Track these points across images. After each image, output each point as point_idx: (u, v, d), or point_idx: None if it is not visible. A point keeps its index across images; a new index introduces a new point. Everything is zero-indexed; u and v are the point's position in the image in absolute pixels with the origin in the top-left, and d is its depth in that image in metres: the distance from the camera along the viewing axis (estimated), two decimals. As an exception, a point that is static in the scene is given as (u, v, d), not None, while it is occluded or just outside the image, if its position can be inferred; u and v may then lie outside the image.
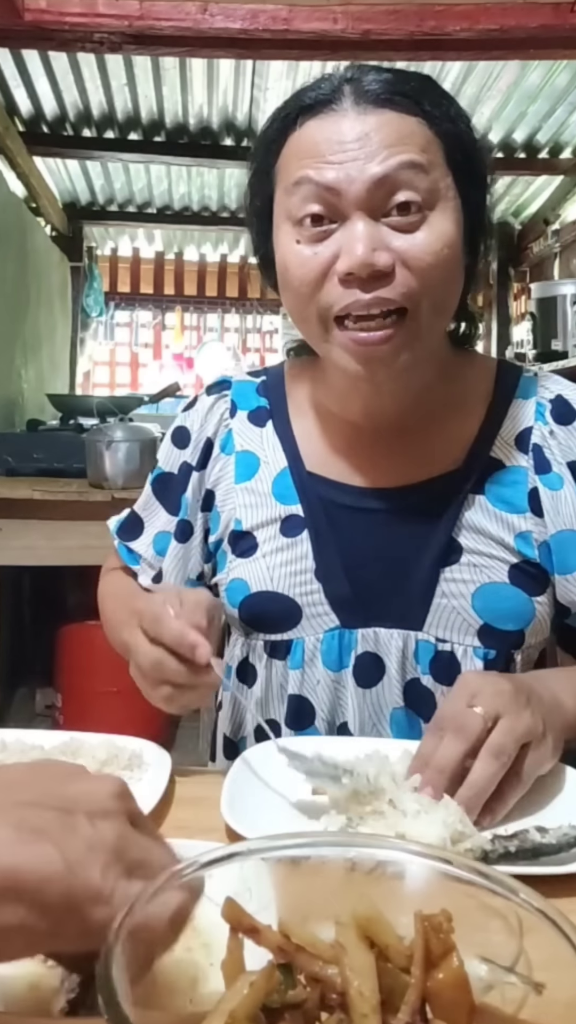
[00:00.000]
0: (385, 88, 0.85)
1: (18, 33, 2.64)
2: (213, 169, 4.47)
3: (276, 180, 0.90)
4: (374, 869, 0.47)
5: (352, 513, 0.97)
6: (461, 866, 0.45)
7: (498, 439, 0.97)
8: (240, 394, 1.06)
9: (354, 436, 0.98)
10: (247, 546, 1.00)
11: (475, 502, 0.95)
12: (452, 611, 0.93)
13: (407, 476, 0.97)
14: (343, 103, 0.85)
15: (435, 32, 2.64)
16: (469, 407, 0.99)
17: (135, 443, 2.37)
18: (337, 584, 0.95)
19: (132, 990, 0.39)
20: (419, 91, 0.86)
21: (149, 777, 0.83)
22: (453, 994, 0.40)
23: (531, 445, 0.97)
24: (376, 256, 0.81)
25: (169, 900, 0.44)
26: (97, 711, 2.69)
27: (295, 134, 0.87)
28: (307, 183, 0.84)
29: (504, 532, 0.94)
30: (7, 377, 3.47)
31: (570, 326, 3.56)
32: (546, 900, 0.42)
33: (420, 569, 0.94)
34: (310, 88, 0.89)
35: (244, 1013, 0.38)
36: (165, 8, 2.62)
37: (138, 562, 1.09)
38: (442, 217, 0.84)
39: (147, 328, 6.23)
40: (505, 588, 0.93)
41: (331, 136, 0.84)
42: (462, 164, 0.87)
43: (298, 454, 1.01)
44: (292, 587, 0.96)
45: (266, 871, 0.47)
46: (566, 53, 2.87)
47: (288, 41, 2.72)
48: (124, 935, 0.40)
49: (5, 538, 2.33)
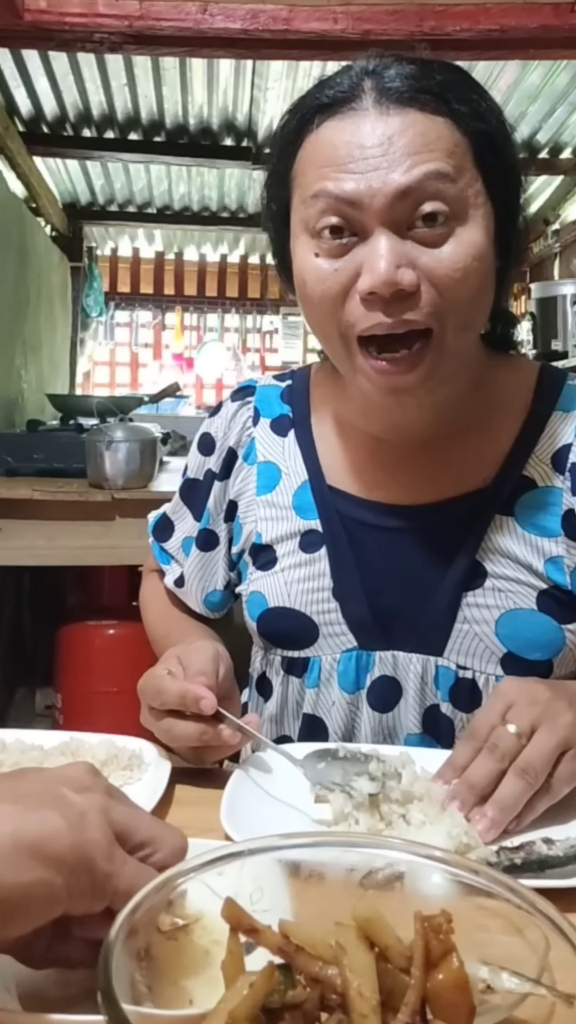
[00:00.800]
0: (409, 85, 0.78)
1: (18, 33, 2.64)
2: (213, 169, 4.47)
3: (293, 185, 0.84)
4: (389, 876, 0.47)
5: (372, 531, 0.93)
6: (485, 876, 0.46)
7: (532, 456, 0.91)
8: (263, 400, 1.04)
9: (377, 449, 0.94)
10: (267, 559, 0.98)
11: (503, 524, 0.89)
12: (474, 637, 0.89)
13: (431, 493, 0.92)
14: (364, 101, 0.78)
15: (435, 32, 2.64)
16: (502, 420, 0.93)
17: (135, 443, 2.37)
18: (355, 604, 0.92)
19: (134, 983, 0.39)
20: (446, 86, 0.79)
21: (149, 777, 0.83)
22: (453, 995, 0.40)
23: (569, 464, 0.90)
24: (400, 274, 0.76)
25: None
26: (97, 711, 2.69)
27: (312, 135, 0.81)
28: (325, 196, 0.78)
29: (533, 557, 0.88)
30: (7, 377, 3.47)
31: (570, 326, 3.57)
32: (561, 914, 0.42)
33: (442, 592, 0.89)
34: (328, 83, 0.82)
35: (244, 1013, 0.38)
36: (165, 8, 2.61)
37: (169, 561, 1.10)
38: (471, 227, 0.78)
39: (147, 328, 6.23)
40: (532, 615, 0.88)
41: (350, 139, 0.77)
42: (492, 165, 0.80)
43: (319, 467, 0.98)
44: (309, 604, 0.94)
45: (278, 871, 0.47)
46: (566, 53, 2.87)
47: (288, 41, 2.71)
48: (124, 935, 0.40)
49: (5, 538, 2.33)
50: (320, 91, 0.82)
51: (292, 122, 0.85)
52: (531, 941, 0.42)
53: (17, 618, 3.33)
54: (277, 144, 0.87)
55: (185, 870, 0.45)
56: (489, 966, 0.43)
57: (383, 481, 0.94)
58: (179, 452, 3.45)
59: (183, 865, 0.45)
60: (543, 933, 0.42)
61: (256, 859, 0.47)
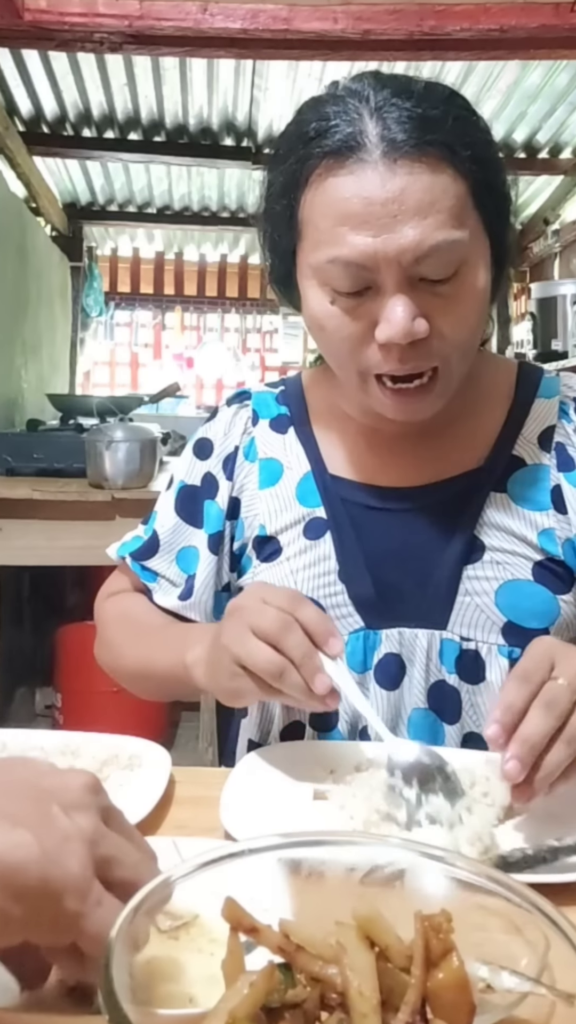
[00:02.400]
0: (415, 135, 0.79)
1: (18, 33, 2.64)
2: (213, 169, 4.46)
3: (301, 229, 0.87)
4: (390, 876, 0.47)
5: (374, 513, 0.97)
6: (484, 875, 0.46)
7: (520, 438, 0.98)
8: (260, 404, 1.07)
9: (375, 438, 0.99)
10: (271, 550, 1.00)
11: (497, 500, 0.96)
12: (476, 609, 0.93)
13: (428, 475, 0.97)
14: (370, 152, 0.80)
15: (435, 32, 2.64)
16: (490, 407, 1.00)
17: (135, 443, 2.37)
18: (360, 585, 0.95)
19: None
20: (449, 131, 0.81)
21: (149, 777, 0.83)
22: (453, 994, 0.40)
23: (554, 443, 0.98)
24: (416, 326, 0.81)
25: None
26: (97, 711, 2.69)
27: (318, 183, 0.83)
28: (343, 263, 0.82)
29: (527, 529, 0.94)
30: (7, 377, 3.47)
31: (570, 326, 3.57)
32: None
33: (443, 567, 0.94)
34: (329, 130, 0.82)
35: (244, 1013, 0.38)
36: (165, 8, 2.61)
37: (155, 580, 1.06)
38: (473, 267, 0.84)
39: (147, 328, 6.23)
40: (529, 585, 0.93)
41: (360, 192, 0.80)
42: (489, 202, 0.85)
43: (320, 458, 1.02)
44: (316, 588, 0.96)
45: (278, 871, 0.47)
46: (566, 53, 2.87)
47: (288, 41, 2.71)
48: (124, 935, 0.40)
49: (5, 538, 2.33)
50: (322, 138, 0.82)
51: (292, 164, 0.85)
52: (531, 940, 0.42)
53: (17, 618, 3.33)
54: (277, 183, 0.88)
55: (185, 870, 0.45)
56: (489, 965, 0.43)
57: (382, 467, 0.99)
58: (179, 452, 3.44)
59: (183, 865, 0.45)
60: (543, 932, 0.42)
61: (256, 859, 0.47)
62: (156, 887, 0.44)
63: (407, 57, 2.83)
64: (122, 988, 0.38)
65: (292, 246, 0.90)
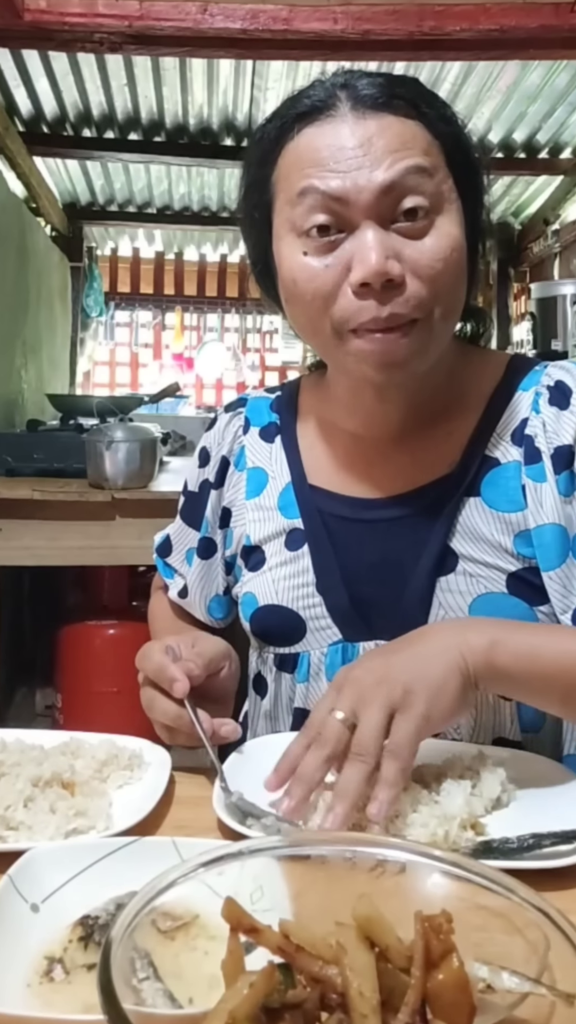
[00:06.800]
0: (381, 91, 0.83)
1: (18, 33, 2.64)
2: (213, 169, 4.46)
3: (275, 191, 0.88)
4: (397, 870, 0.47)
5: (350, 524, 0.96)
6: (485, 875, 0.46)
7: (494, 436, 0.93)
8: (254, 411, 1.08)
9: (352, 447, 0.98)
10: (256, 560, 1.01)
11: (470, 505, 0.92)
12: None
13: (402, 484, 0.95)
14: (340, 108, 0.83)
15: (435, 32, 2.64)
16: (468, 406, 0.95)
17: (135, 443, 2.36)
18: (337, 597, 0.95)
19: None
20: (414, 93, 0.85)
21: (149, 777, 0.83)
22: (453, 995, 0.40)
23: (523, 436, 0.92)
24: (390, 265, 0.80)
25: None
26: (97, 711, 2.68)
27: (292, 143, 0.85)
28: (312, 193, 0.82)
29: (502, 535, 0.90)
30: (7, 377, 3.47)
31: (570, 326, 3.56)
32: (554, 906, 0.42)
33: (417, 579, 0.91)
34: (303, 94, 0.86)
35: (244, 1013, 0.38)
36: (165, 8, 2.61)
37: (172, 575, 1.14)
38: (447, 220, 0.83)
39: (147, 328, 6.23)
40: (503, 598, 0.89)
41: (332, 142, 0.82)
42: (462, 166, 0.86)
43: (302, 468, 1.01)
44: (295, 600, 0.97)
45: (279, 870, 0.47)
46: (566, 53, 2.87)
47: (288, 41, 2.71)
48: (124, 935, 0.40)
49: (5, 538, 2.32)
50: (296, 102, 0.86)
51: (270, 131, 0.88)
52: (531, 940, 0.42)
53: (17, 618, 3.32)
54: (255, 154, 0.90)
55: (185, 870, 0.45)
56: (489, 966, 0.43)
57: (360, 477, 0.98)
58: (179, 452, 3.45)
59: (183, 865, 0.45)
60: (543, 932, 0.42)
61: (256, 859, 0.47)
62: (156, 887, 0.44)
63: (407, 57, 2.83)
64: (122, 988, 0.37)
65: (268, 212, 0.89)
